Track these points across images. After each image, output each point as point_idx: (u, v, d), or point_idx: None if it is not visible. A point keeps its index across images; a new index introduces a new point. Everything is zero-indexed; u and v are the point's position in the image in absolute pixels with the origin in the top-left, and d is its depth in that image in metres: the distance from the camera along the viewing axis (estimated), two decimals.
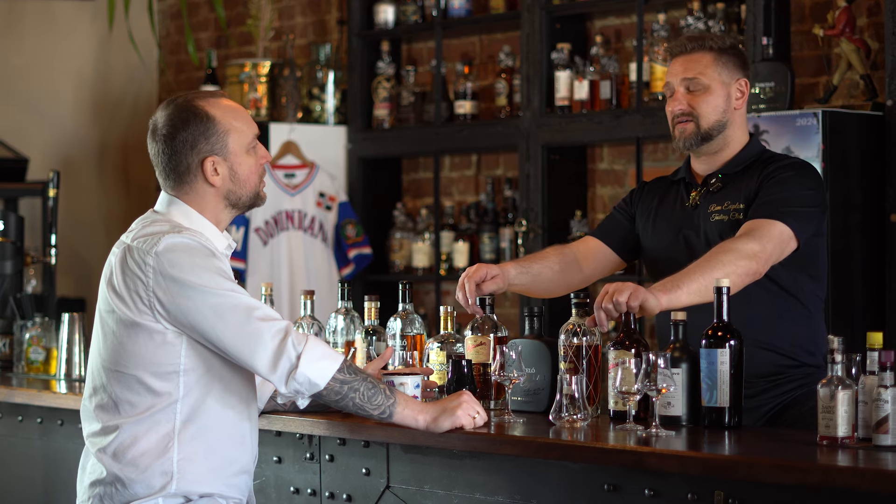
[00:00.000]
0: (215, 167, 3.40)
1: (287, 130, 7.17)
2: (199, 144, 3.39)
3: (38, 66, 8.21)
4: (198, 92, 3.49)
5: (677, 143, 3.98)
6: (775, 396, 3.87)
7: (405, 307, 4.02)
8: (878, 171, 5.37)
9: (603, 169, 6.60)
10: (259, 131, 3.50)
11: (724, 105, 3.94)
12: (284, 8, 7.86)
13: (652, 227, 4.07)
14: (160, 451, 3.32)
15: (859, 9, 5.59)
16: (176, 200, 3.44)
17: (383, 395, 3.36)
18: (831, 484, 2.86)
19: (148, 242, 3.32)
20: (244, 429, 3.44)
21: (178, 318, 3.28)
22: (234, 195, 3.45)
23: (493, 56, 6.98)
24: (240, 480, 3.44)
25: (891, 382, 3.06)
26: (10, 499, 4.81)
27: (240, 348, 3.27)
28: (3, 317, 5.42)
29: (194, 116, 3.39)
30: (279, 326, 3.29)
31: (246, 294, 3.33)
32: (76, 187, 8.10)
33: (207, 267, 3.30)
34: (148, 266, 3.30)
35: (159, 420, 3.32)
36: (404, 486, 3.61)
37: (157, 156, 3.44)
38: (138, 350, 3.31)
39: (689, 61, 3.95)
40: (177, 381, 3.32)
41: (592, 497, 3.25)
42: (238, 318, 3.27)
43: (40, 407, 4.59)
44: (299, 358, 3.27)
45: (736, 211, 3.89)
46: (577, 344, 3.64)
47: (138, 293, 3.30)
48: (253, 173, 3.46)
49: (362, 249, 7.14)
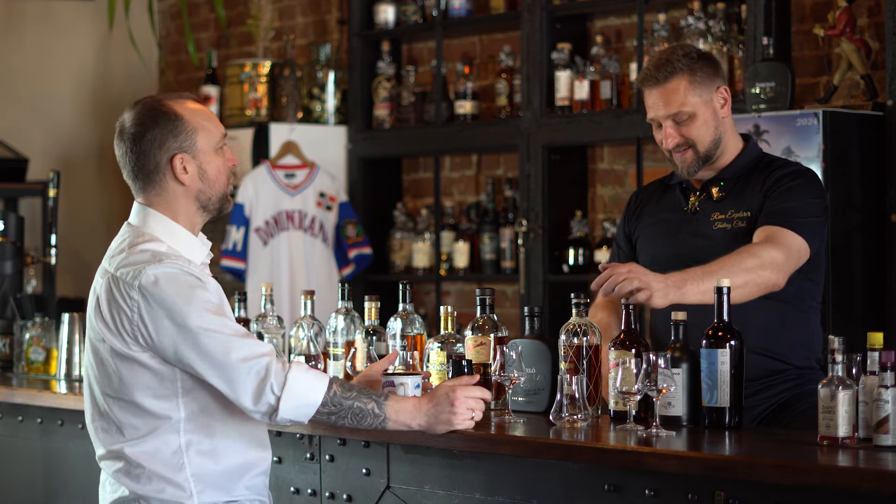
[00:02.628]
0: (184, 165, 3.38)
1: (287, 130, 7.17)
2: (168, 142, 3.37)
3: (39, 66, 8.21)
4: (164, 94, 3.49)
5: (681, 172, 3.95)
6: (768, 398, 3.87)
7: (405, 307, 4.02)
8: (879, 171, 5.37)
9: (603, 169, 6.60)
10: (226, 132, 3.47)
11: (713, 122, 3.92)
12: (285, 8, 7.86)
13: (649, 231, 4.07)
14: (172, 468, 3.31)
15: (860, 9, 5.59)
16: (149, 210, 3.40)
17: (371, 415, 3.32)
18: (832, 484, 2.86)
19: (131, 275, 3.28)
20: (254, 431, 3.42)
21: (163, 353, 3.27)
22: (205, 195, 3.41)
23: (493, 56, 6.98)
24: (258, 482, 3.42)
25: (891, 382, 3.06)
26: (10, 499, 4.81)
27: (223, 387, 3.26)
28: (3, 317, 5.42)
29: (162, 115, 3.38)
30: (259, 367, 3.25)
31: (229, 326, 3.28)
32: (76, 187, 8.10)
33: (190, 300, 3.26)
34: (133, 300, 3.27)
35: (165, 439, 3.31)
36: (404, 486, 3.61)
37: (124, 156, 3.41)
38: (134, 378, 3.29)
39: (665, 94, 3.89)
40: (176, 403, 3.31)
41: (593, 497, 3.24)
42: (218, 359, 3.24)
43: (40, 407, 4.59)
44: (279, 401, 3.25)
45: (740, 219, 3.89)
46: (578, 344, 3.64)
47: (124, 326, 3.28)
48: (221, 173, 3.43)
49: (363, 249, 7.14)
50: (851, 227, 5.32)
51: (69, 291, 7.95)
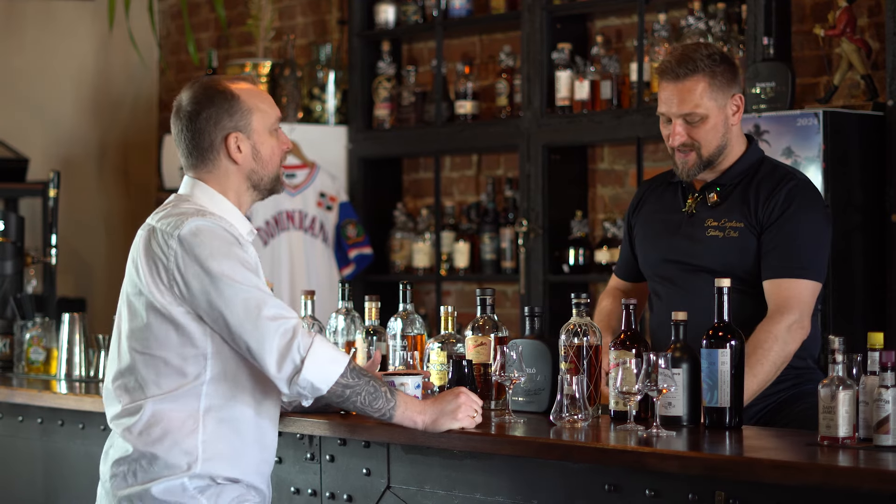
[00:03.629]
0: (238, 144, 3.42)
1: (287, 130, 7.17)
2: (223, 121, 3.41)
3: (39, 66, 8.21)
4: (223, 75, 3.51)
5: (680, 173, 3.96)
6: (765, 397, 3.88)
7: (406, 307, 4.02)
8: (879, 171, 5.37)
9: (603, 169, 6.60)
10: (281, 115, 3.52)
11: (723, 128, 3.92)
12: (285, 8, 7.86)
13: (646, 229, 4.10)
14: (186, 430, 3.32)
15: (860, 9, 5.59)
16: (198, 182, 3.45)
17: (384, 398, 3.37)
18: (832, 484, 2.86)
19: (172, 224, 3.33)
20: (270, 417, 3.45)
21: (194, 301, 3.29)
22: (257, 175, 3.46)
23: (493, 56, 6.98)
24: (265, 470, 3.45)
25: (892, 382, 3.06)
26: (11, 499, 4.81)
27: (248, 343, 3.28)
28: (3, 317, 5.42)
29: (219, 94, 3.41)
30: (287, 326, 3.29)
31: (262, 287, 3.32)
32: (76, 187, 8.10)
33: (228, 254, 3.30)
34: (171, 248, 3.31)
35: (185, 399, 3.33)
36: (405, 486, 3.61)
37: (180, 134, 3.45)
38: (166, 333, 3.32)
39: (682, 91, 3.87)
40: (203, 364, 3.33)
41: (593, 497, 3.24)
42: (248, 314, 3.28)
43: (41, 407, 4.59)
44: (303, 362, 3.27)
45: (732, 229, 3.90)
46: (578, 344, 3.64)
47: (160, 274, 3.31)
48: (275, 154, 3.48)
49: (363, 249, 7.14)
50: (851, 227, 5.32)
51: (69, 291, 7.95)
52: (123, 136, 8.45)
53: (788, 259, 3.83)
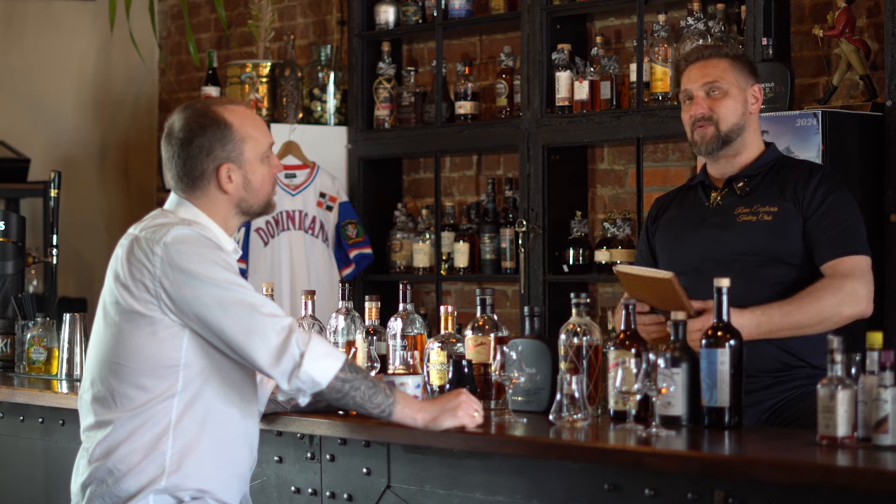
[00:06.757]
0: (230, 174, 3.41)
1: (288, 131, 7.17)
2: (216, 151, 3.39)
3: (40, 66, 8.22)
4: (215, 98, 3.50)
5: (698, 148, 4.07)
6: (779, 393, 3.91)
7: (406, 307, 4.03)
8: (878, 172, 5.37)
9: (603, 169, 6.61)
10: (273, 140, 3.51)
11: (741, 109, 4.07)
12: (285, 8, 7.87)
13: (671, 227, 4.14)
14: (154, 445, 3.32)
15: (859, 9, 5.60)
16: (186, 202, 3.45)
17: (383, 394, 3.38)
18: (831, 484, 2.87)
19: (156, 233, 3.33)
20: (242, 428, 3.44)
21: (183, 308, 3.29)
22: (246, 203, 3.46)
23: (493, 56, 6.98)
24: (234, 483, 3.43)
25: (890, 382, 3.07)
26: (12, 498, 4.81)
27: (242, 342, 3.28)
28: (4, 317, 5.43)
29: (212, 122, 3.39)
30: (283, 324, 3.30)
31: (251, 290, 3.33)
32: (77, 188, 8.11)
33: (214, 259, 3.31)
34: (155, 256, 3.30)
35: (156, 415, 3.32)
36: (405, 485, 3.62)
37: (171, 159, 3.43)
38: (139, 343, 3.31)
39: (706, 66, 4.07)
40: (176, 376, 3.32)
41: (593, 497, 3.25)
42: (242, 313, 3.28)
43: (42, 407, 4.60)
44: (303, 356, 3.28)
45: (766, 213, 3.98)
46: (578, 344, 3.65)
47: (144, 283, 3.31)
48: (266, 182, 3.47)
49: (363, 249, 7.14)
50: None
51: (70, 291, 7.96)
52: (124, 137, 8.46)
53: (840, 241, 3.96)
